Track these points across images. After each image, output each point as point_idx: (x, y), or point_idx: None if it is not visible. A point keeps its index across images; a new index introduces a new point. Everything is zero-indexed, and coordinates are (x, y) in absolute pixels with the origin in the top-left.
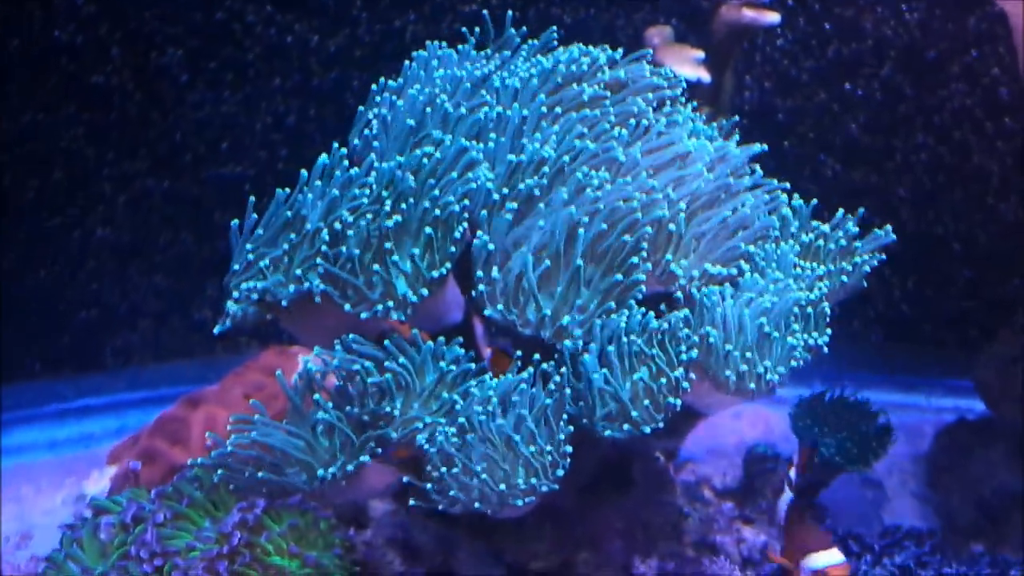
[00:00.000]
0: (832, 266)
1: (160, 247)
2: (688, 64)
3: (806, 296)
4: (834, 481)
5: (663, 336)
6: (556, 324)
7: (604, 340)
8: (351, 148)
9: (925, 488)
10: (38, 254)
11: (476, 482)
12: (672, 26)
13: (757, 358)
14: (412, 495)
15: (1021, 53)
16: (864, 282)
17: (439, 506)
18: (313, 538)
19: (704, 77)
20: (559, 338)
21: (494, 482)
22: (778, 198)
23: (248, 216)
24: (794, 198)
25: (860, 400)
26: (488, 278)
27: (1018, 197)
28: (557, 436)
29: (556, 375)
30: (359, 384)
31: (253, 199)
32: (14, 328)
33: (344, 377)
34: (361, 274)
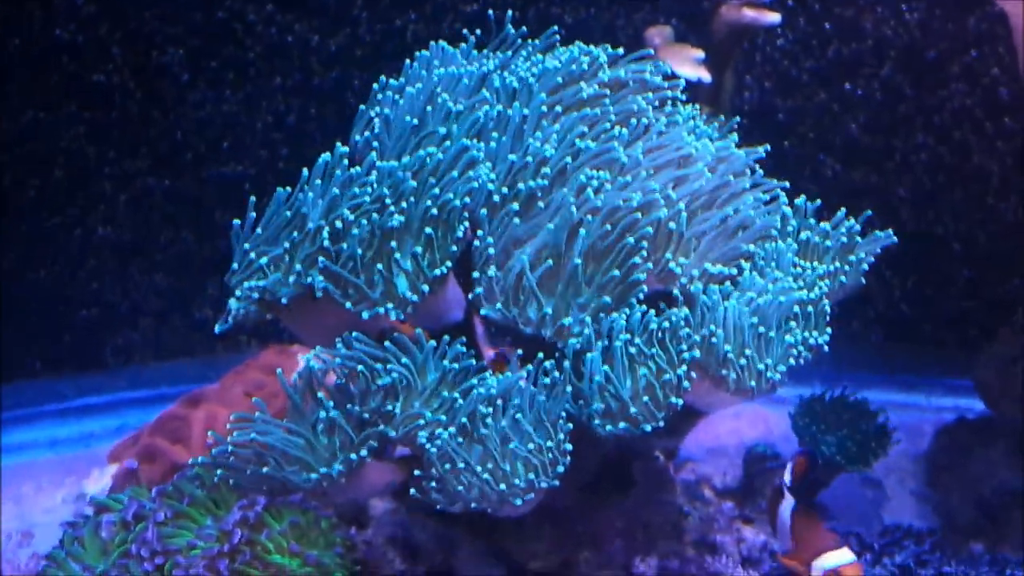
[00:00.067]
0: (831, 265)
1: (161, 246)
2: (688, 64)
3: (806, 295)
4: (834, 481)
5: (664, 335)
6: (557, 323)
7: (605, 339)
8: (352, 147)
9: (925, 487)
10: (39, 253)
11: (476, 481)
12: (672, 26)
13: (757, 357)
14: (412, 494)
15: (1021, 53)
16: (863, 280)
17: (439, 505)
18: (314, 536)
19: (704, 77)
20: (560, 337)
21: (494, 481)
22: (778, 198)
23: (249, 215)
24: (795, 198)
25: (860, 400)
26: (489, 277)
27: (1018, 197)
28: (557, 434)
29: (557, 373)
30: (361, 383)
31: (254, 199)
32: (15, 327)
33: (345, 375)
34: (362, 273)
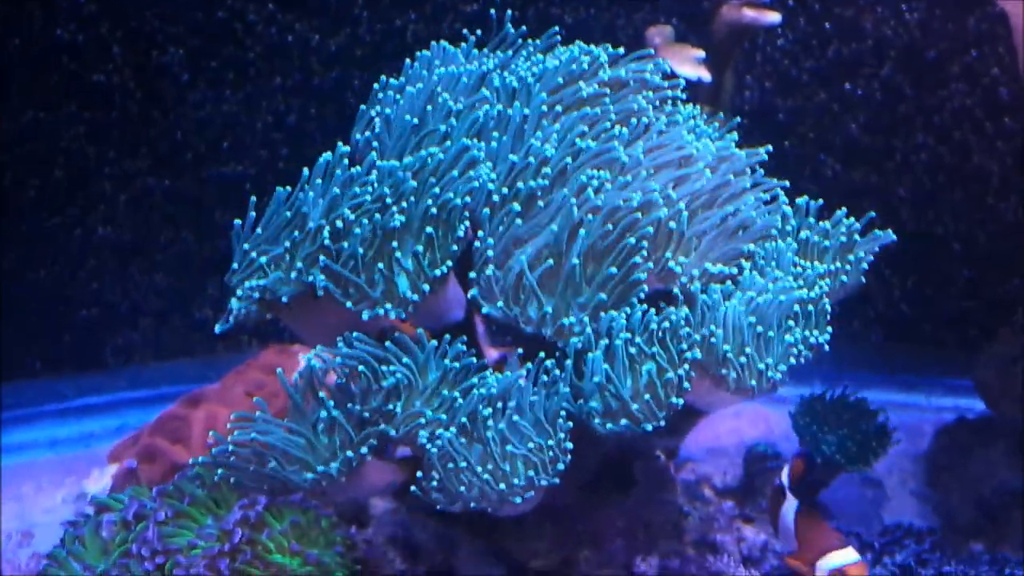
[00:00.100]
0: (832, 265)
1: (161, 246)
2: (689, 64)
3: (806, 294)
4: (834, 480)
5: (664, 335)
6: (557, 322)
7: (605, 338)
8: (353, 146)
9: (925, 487)
10: (39, 253)
11: (476, 480)
12: (673, 26)
13: (757, 356)
14: (412, 493)
15: (1021, 53)
16: (863, 280)
17: (439, 505)
18: (314, 536)
19: (705, 77)
20: (560, 336)
21: (494, 480)
22: (779, 197)
23: (249, 215)
24: (795, 198)
25: (860, 399)
26: (489, 276)
27: (1018, 197)
28: (557, 432)
29: (557, 371)
30: (362, 382)
31: (254, 199)
32: (15, 327)
33: (347, 375)
34: (363, 272)
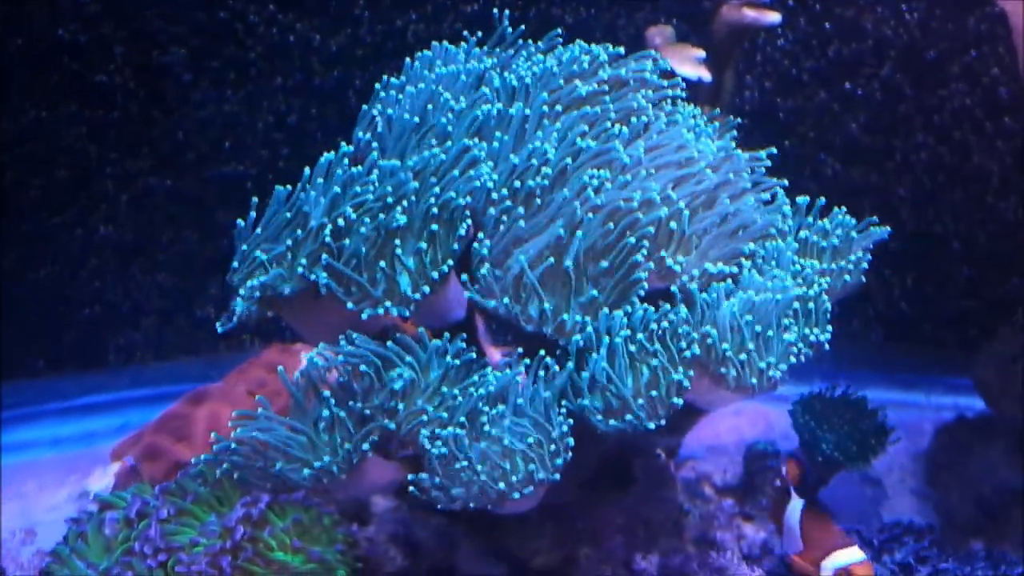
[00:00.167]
0: (832, 264)
1: (163, 245)
2: (689, 63)
3: (805, 292)
4: (833, 479)
5: (664, 333)
6: (558, 320)
7: (606, 336)
8: (355, 145)
9: (924, 486)
10: (41, 252)
11: (476, 479)
12: (673, 26)
13: (757, 355)
14: (413, 492)
15: (1021, 53)
16: (863, 279)
17: (440, 503)
18: (316, 533)
19: (705, 76)
20: (561, 334)
21: (494, 478)
22: (779, 197)
23: (251, 214)
24: (795, 197)
25: (859, 397)
26: (491, 274)
27: (1018, 196)
28: (556, 429)
29: (556, 368)
30: (365, 381)
31: (256, 200)
32: (17, 326)
33: (349, 373)
34: (365, 271)
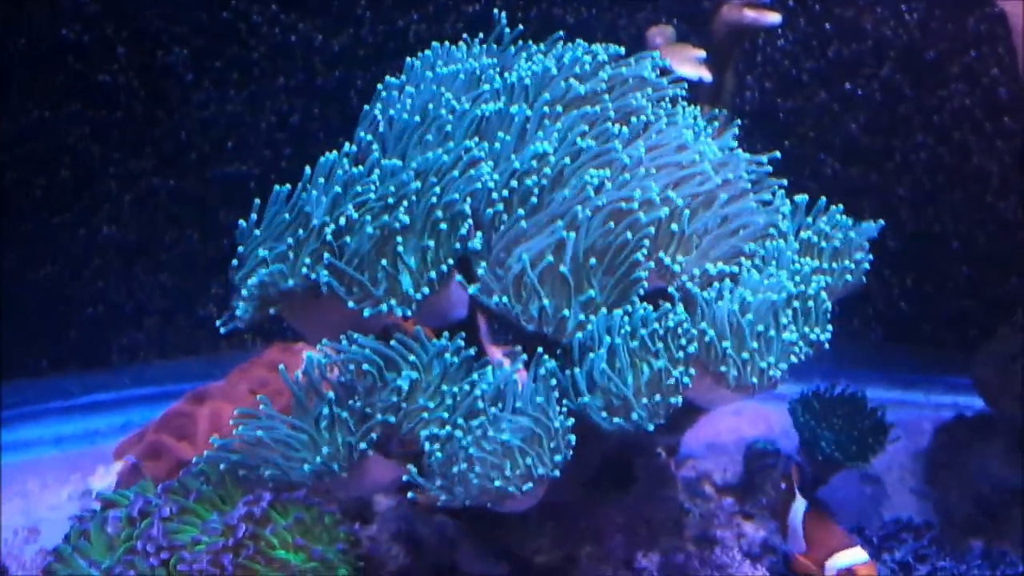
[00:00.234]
0: (833, 264)
1: (165, 245)
2: (690, 63)
3: (804, 290)
4: (833, 478)
5: (665, 332)
6: (558, 319)
7: (606, 335)
8: (357, 145)
9: (924, 485)
10: (45, 252)
11: (475, 477)
12: (674, 26)
13: (758, 354)
14: (414, 490)
15: (1021, 53)
16: (864, 279)
17: (440, 502)
18: (318, 532)
19: (706, 76)
20: (562, 334)
21: (494, 476)
22: (779, 197)
23: (252, 215)
24: (795, 197)
25: (859, 397)
26: (491, 274)
27: (1017, 196)
28: (557, 427)
29: (557, 367)
30: (367, 380)
31: (258, 201)
32: (21, 325)
33: (351, 372)
34: (366, 270)
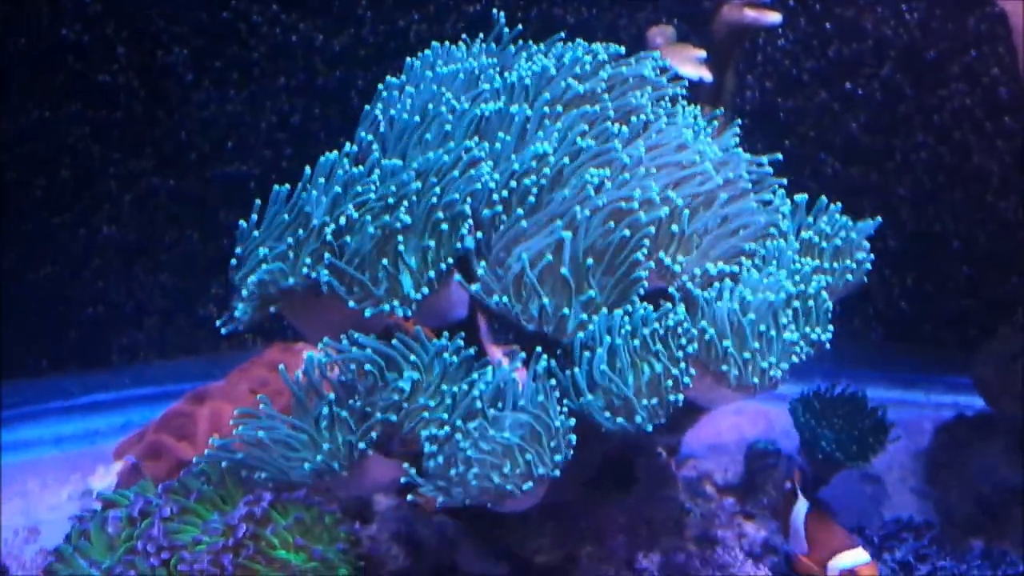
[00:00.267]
0: (835, 263)
1: (166, 245)
2: (690, 63)
3: (803, 290)
4: (834, 477)
5: (665, 332)
6: (558, 319)
7: (606, 335)
8: (358, 145)
9: (924, 484)
10: (45, 252)
11: (475, 476)
12: (674, 26)
13: (759, 354)
14: (413, 490)
15: (1021, 53)
16: (865, 279)
17: (440, 501)
18: (319, 532)
19: (706, 76)
20: (562, 333)
21: (493, 475)
22: (780, 196)
23: (253, 215)
24: (795, 196)
25: (859, 396)
26: (492, 274)
27: (1018, 196)
28: (557, 426)
29: (557, 367)
30: (368, 379)
31: (259, 202)
32: (20, 325)
33: (353, 371)
34: (367, 270)
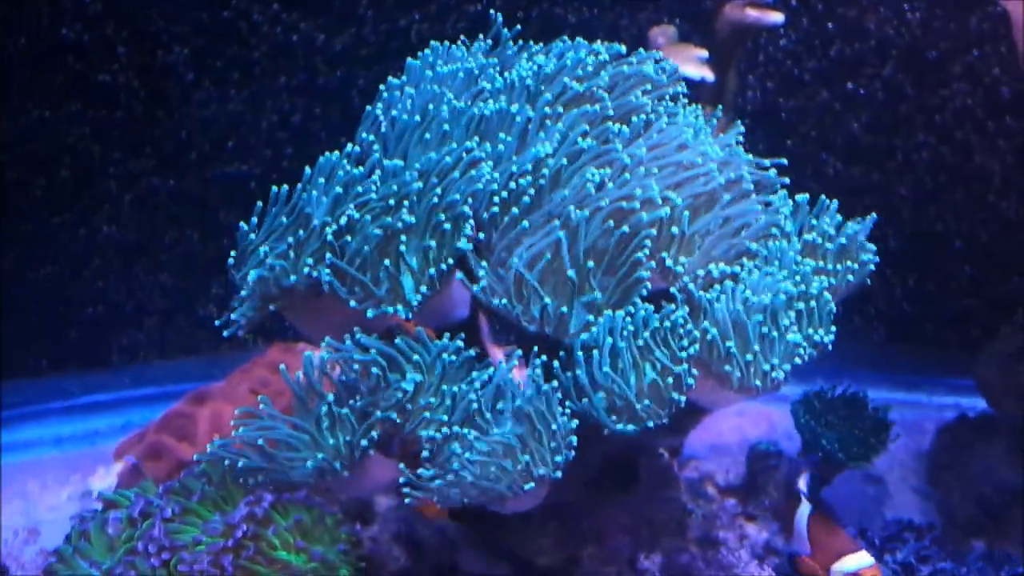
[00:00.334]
0: (837, 264)
1: (166, 245)
2: (692, 63)
3: (806, 290)
4: (836, 478)
5: (667, 333)
6: (559, 320)
7: (608, 336)
8: (360, 145)
9: (926, 485)
10: (45, 252)
11: (475, 476)
12: (676, 26)
13: (761, 355)
14: (414, 490)
15: (1022, 52)
16: (867, 279)
17: (440, 502)
18: (319, 533)
19: (708, 76)
20: (563, 334)
21: (494, 477)
22: (781, 197)
23: (253, 217)
24: (797, 197)
25: (861, 397)
26: (493, 274)
27: (1019, 196)
28: (558, 427)
29: (559, 367)
30: (371, 380)
31: (260, 204)
32: (20, 325)
33: (355, 372)
34: (368, 270)
